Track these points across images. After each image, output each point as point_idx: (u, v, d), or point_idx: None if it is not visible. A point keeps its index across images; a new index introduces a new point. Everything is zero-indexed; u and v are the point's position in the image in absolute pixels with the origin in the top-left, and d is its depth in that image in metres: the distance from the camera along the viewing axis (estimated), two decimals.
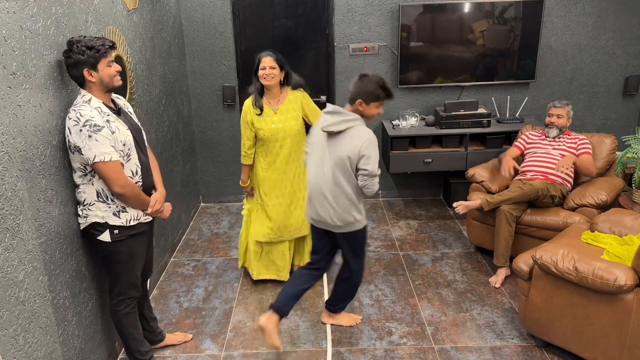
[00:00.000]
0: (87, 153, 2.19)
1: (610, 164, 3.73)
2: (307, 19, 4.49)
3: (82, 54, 2.18)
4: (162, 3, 3.91)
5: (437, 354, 2.87)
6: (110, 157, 2.22)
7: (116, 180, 2.26)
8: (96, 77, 2.23)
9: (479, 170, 3.92)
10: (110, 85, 2.29)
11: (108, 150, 2.22)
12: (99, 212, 2.34)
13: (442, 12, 4.37)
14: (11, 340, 1.93)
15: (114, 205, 2.35)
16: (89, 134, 2.17)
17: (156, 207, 2.49)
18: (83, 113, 2.19)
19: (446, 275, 3.64)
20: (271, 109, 3.19)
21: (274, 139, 3.20)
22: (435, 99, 4.71)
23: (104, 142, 2.21)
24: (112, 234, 2.37)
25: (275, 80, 3.12)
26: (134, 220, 2.42)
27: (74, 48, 2.19)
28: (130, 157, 2.35)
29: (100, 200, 2.33)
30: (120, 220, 2.37)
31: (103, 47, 2.22)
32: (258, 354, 2.91)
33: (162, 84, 3.87)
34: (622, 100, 4.76)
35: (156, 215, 2.53)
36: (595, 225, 2.97)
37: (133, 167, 2.38)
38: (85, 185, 2.31)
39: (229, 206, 4.95)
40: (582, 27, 4.53)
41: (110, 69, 2.26)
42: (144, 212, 2.46)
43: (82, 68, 2.20)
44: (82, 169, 2.29)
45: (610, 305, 2.47)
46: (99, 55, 2.21)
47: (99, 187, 2.31)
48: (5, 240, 1.91)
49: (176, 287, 3.58)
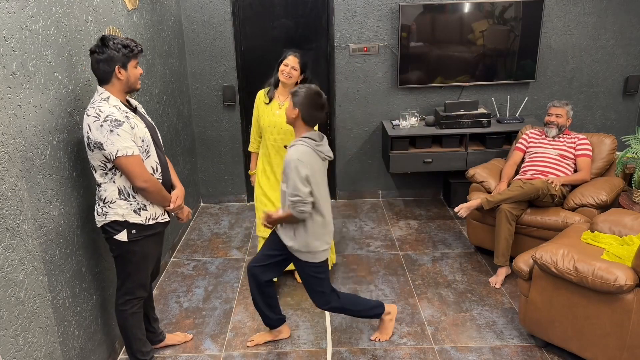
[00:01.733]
0: (110, 148, 2.19)
1: (610, 164, 3.73)
2: (307, 19, 4.49)
3: (118, 51, 2.22)
4: (162, 3, 3.91)
5: (437, 354, 2.87)
6: (132, 151, 2.24)
7: (139, 175, 2.27)
8: (124, 75, 2.27)
9: (479, 170, 3.92)
10: (133, 86, 2.33)
11: (130, 145, 2.23)
12: (119, 210, 2.34)
13: (442, 12, 4.37)
14: (11, 340, 1.93)
15: (135, 202, 2.35)
16: (110, 128, 2.18)
17: (177, 202, 2.51)
18: (103, 109, 2.20)
19: (446, 275, 3.64)
20: (278, 103, 3.26)
21: (270, 131, 3.26)
22: (435, 99, 4.71)
23: (126, 137, 2.21)
24: (130, 234, 2.38)
25: (292, 81, 3.17)
26: (152, 219, 2.42)
27: (109, 44, 2.22)
28: (149, 154, 2.36)
29: (122, 198, 2.33)
30: (140, 218, 2.37)
31: (136, 47, 2.29)
32: (258, 354, 2.91)
33: (162, 84, 3.87)
34: (622, 100, 4.76)
35: (177, 211, 2.55)
36: (595, 225, 2.97)
37: (153, 164, 2.39)
38: (107, 183, 2.31)
39: (229, 206, 4.96)
40: (582, 27, 4.53)
41: (137, 70, 2.32)
42: (166, 208, 2.47)
43: (114, 65, 2.23)
44: (103, 167, 2.28)
45: (610, 305, 2.47)
46: (132, 55, 2.27)
47: (121, 185, 2.32)
48: (5, 240, 1.91)
49: (176, 287, 3.58)
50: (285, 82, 3.17)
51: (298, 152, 2.47)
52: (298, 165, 2.43)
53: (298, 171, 2.43)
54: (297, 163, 2.44)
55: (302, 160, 2.44)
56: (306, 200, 2.46)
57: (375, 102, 4.71)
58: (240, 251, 4.07)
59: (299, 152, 2.46)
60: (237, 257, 3.98)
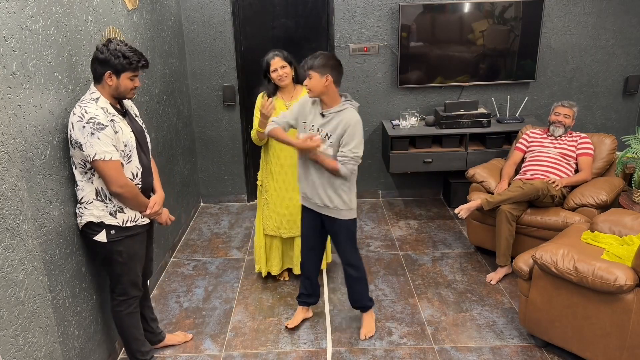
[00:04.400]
0: (88, 150, 2.19)
1: (610, 164, 3.74)
2: (307, 19, 4.49)
3: (115, 58, 2.21)
4: (162, 3, 3.91)
5: (437, 354, 2.87)
6: (110, 156, 2.22)
7: (115, 180, 2.26)
8: (114, 82, 2.26)
9: (479, 170, 3.92)
10: (122, 96, 2.32)
11: (109, 150, 2.22)
12: (95, 211, 2.33)
13: (442, 12, 4.37)
14: (11, 340, 1.93)
15: (111, 204, 2.34)
16: (92, 131, 2.17)
17: (155, 208, 2.48)
18: (88, 110, 2.19)
19: (446, 275, 3.64)
20: (284, 104, 3.20)
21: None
22: (435, 99, 4.71)
23: (106, 141, 2.21)
24: (109, 234, 2.37)
25: (289, 79, 3.15)
26: (131, 221, 2.41)
27: (110, 47, 2.21)
28: (131, 159, 2.35)
29: (99, 199, 2.33)
30: (116, 220, 2.36)
31: (137, 62, 2.26)
32: (258, 354, 2.91)
33: (162, 84, 3.87)
34: (622, 100, 4.76)
35: (154, 217, 2.53)
36: (595, 225, 2.97)
37: (134, 169, 2.38)
38: (85, 182, 2.31)
39: (229, 206, 4.96)
40: (582, 27, 4.53)
41: (130, 83, 2.29)
42: (142, 213, 2.45)
43: (106, 69, 2.22)
44: (82, 165, 2.29)
45: (610, 305, 2.47)
46: (128, 67, 2.24)
47: (99, 186, 2.31)
48: (5, 240, 1.90)
49: (176, 287, 3.58)
50: (285, 84, 3.15)
51: (355, 114, 2.62)
52: (361, 127, 2.62)
53: (361, 132, 2.63)
54: (360, 124, 2.61)
55: (360, 121, 2.62)
56: (360, 160, 2.65)
57: (375, 102, 4.71)
58: (240, 251, 4.07)
59: (356, 115, 2.63)
60: (237, 257, 3.98)
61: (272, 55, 3.11)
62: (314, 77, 2.56)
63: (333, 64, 2.57)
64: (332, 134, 2.63)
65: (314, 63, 2.55)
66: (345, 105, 2.64)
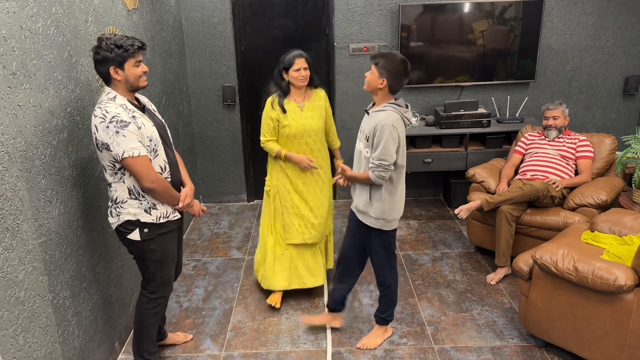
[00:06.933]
0: (116, 149, 2.19)
1: (610, 164, 3.73)
2: (307, 19, 4.49)
3: (110, 52, 2.19)
4: (162, 3, 3.91)
5: (437, 354, 2.87)
6: (138, 152, 2.22)
7: (146, 176, 2.26)
8: (122, 75, 2.24)
9: (479, 170, 3.92)
10: (135, 85, 2.29)
11: (136, 146, 2.22)
12: (131, 209, 2.34)
13: (442, 12, 4.37)
14: (11, 340, 1.93)
15: (145, 201, 2.35)
16: (116, 129, 2.17)
17: (187, 200, 2.49)
18: (109, 110, 2.19)
19: (446, 275, 3.64)
20: (297, 106, 3.14)
21: (300, 136, 3.14)
22: (435, 99, 4.71)
23: (132, 138, 2.20)
24: (142, 233, 2.38)
25: (307, 81, 3.12)
26: (164, 217, 2.42)
27: (102, 45, 2.20)
28: (157, 153, 2.35)
29: (133, 197, 2.33)
30: (151, 217, 2.37)
31: (132, 47, 2.23)
32: (258, 354, 2.91)
33: (162, 84, 3.87)
34: (622, 100, 4.76)
35: (186, 209, 2.54)
36: (595, 225, 2.97)
37: (161, 162, 2.37)
38: (117, 183, 2.31)
39: (229, 206, 4.96)
40: (582, 27, 4.53)
41: (137, 70, 2.27)
42: (175, 207, 2.46)
43: (108, 65, 2.21)
44: (112, 167, 2.28)
45: (610, 305, 2.47)
46: (126, 54, 2.22)
47: (130, 184, 2.32)
48: (5, 240, 1.91)
49: (176, 287, 3.58)
50: (302, 86, 3.11)
51: (390, 118, 2.49)
52: (392, 131, 2.48)
53: (393, 137, 2.48)
54: (391, 129, 2.47)
55: (395, 126, 2.49)
56: (391, 167, 2.53)
57: None
58: (240, 251, 4.07)
59: (391, 119, 2.49)
60: (237, 257, 3.98)
61: (299, 54, 3.06)
62: (373, 73, 2.52)
63: (396, 71, 2.48)
64: (369, 135, 2.56)
65: (380, 61, 2.50)
66: (386, 107, 2.54)
